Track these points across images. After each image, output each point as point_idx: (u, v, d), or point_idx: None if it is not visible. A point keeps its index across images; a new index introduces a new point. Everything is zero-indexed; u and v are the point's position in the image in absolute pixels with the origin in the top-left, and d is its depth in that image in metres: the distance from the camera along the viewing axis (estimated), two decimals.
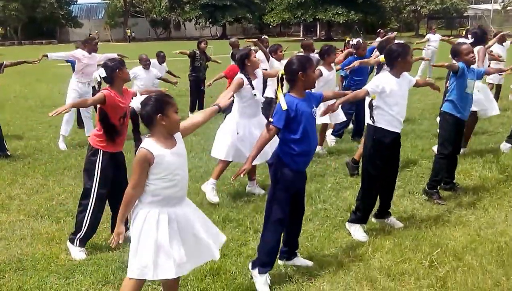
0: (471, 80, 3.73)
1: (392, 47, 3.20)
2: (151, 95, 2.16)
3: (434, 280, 2.63)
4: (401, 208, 3.70)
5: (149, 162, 2.05)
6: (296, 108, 2.52)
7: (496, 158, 4.77)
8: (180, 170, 2.14)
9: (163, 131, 2.09)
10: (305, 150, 2.60)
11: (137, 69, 6.53)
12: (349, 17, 34.42)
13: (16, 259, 2.97)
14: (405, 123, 6.68)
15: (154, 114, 2.06)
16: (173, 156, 2.10)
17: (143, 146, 2.06)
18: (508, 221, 3.40)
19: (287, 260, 2.86)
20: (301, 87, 2.59)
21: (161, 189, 2.09)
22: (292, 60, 2.61)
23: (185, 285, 2.64)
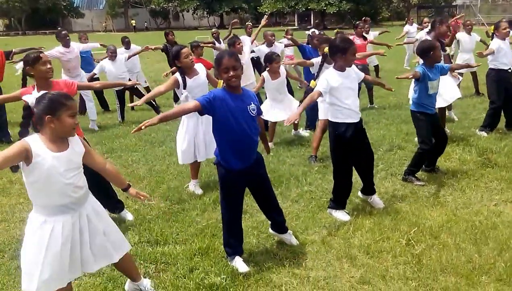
0: (433, 81, 3.66)
1: (336, 42, 3.05)
2: (47, 93, 1.93)
3: (410, 257, 2.64)
4: (382, 189, 3.69)
5: (26, 154, 1.79)
6: (221, 101, 2.34)
7: (476, 141, 4.75)
8: (61, 177, 1.87)
9: (51, 134, 1.86)
10: (237, 147, 2.44)
11: (104, 62, 6.34)
12: (341, 7, 33.92)
13: (15, 240, 2.96)
14: (392, 108, 6.78)
15: (43, 114, 1.84)
16: (55, 160, 1.85)
17: (27, 138, 1.84)
18: (483, 201, 3.40)
19: (277, 232, 2.86)
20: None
21: (41, 195, 1.88)
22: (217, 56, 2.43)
23: (174, 264, 2.64)
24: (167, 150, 5.05)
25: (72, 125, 1.90)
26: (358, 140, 3.14)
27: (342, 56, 2.97)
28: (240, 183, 2.55)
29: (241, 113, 2.40)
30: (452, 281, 2.40)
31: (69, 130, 1.91)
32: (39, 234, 1.89)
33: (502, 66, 4.96)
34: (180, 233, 3.04)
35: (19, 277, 2.50)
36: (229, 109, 2.36)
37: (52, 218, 1.90)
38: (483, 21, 25.89)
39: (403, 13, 40.07)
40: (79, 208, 1.98)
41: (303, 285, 2.43)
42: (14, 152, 1.78)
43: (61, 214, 1.91)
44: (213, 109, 2.36)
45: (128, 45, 7.38)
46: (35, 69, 2.83)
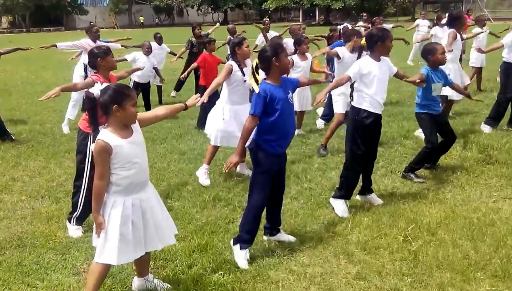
0: (437, 83, 3.68)
1: (373, 32, 3.17)
2: (111, 85, 2.13)
3: (407, 253, 2.66)
4: (381, 186, 3.71)
5: (108, 152, 2.04)
6: (271, 94, 2.51)
7: (477, 138, 4.73)
8: (138, 158, 2.13)
9: (118, 122, 2.07)
10: (281, 134, 2.60)
11: (138, 54, 6.50)
12: (346, 3, 33.67)
13: (17, 237, 3.02)
14: (394, 105, 6.76)
15: (110, 104, 2.03)
16: (130, 145, 2.09)
17: (100, 137, 2.04)
18: (482, 198, 3.40)
19: (270, 236, 2.90)
20: (276, 73, 2.57)
21: (122, 178, 2.10)
22: (265, 48, 2.59)
23: (173, 260, 2.68)
24: (168, 147, 5.10)
25: (135, 114, 2.10)
26: (375, 133, 3.21)
27: (382, 44, 3.06)
28: (274, 166, 2.65)
29: (285, 102, 2.56)
30: (448, 277, 2.42)
31: (133, 119, 2.11)
32: (122, 213, 2.09)
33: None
34: (180, 230, 3.06)
35: (20, 274, 2.58)
36: (276, 101, 2.53)
37: (130, 197, 2.12)
38: (489, 16, 25.55)
39: (408, 9, 39.70)
40: (148, 184, 2.23)
41: (300, 281, 2.46)
42: (103, 160, 2.04)
43: (139, 192, 2.15)
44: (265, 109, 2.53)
45: (160, 41, 7.59)
46: (106, 60, 2.99)
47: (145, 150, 2.22)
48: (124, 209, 2.10)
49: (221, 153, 4.33)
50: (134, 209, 2.13)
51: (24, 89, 9.39)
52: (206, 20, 43.61)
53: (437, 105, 3.79)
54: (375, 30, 3.22)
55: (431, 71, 3.68)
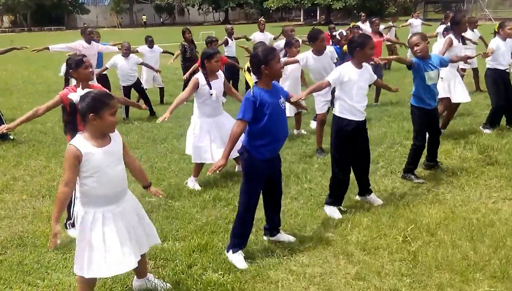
0: (430, 71, 3.64)
1: (354, 38, 3.13)
2: (90, 92, 2.06)
3: (406, 254, 2.66)
4: (381, 187, 3.71)
5: (78, 159, 1.96)
6: (261, 99, 2.48)
7: (477, 139, 4.73)
8: (110, 169, 2.04)
9: (95, 130, 2.01)
10: (272, 139, 2.58)
11: (116, 58, 6.47)
12: (347, 2, 33.62)
13: (18, 236, 3.04)
14: (394, 105, 6.77)
15: (87, 112, 1.98)
16: (103, 154, 2.02)
17: (72, 142, 1.99)
18: (482, 198, 3.41)
19: (270, 236, 2.91)
20: (266, 79, 2.53)
21: (93, 189, 2.02)
22: (256, 53, 2.55)
23: (173, 260, 2.69)
24: (168, 147, 5.11)
25: (113, 123, 2.03)
26: (358, 139, 3.19)
27: (361, 50, 3.03)
28: (264, 171, 2.64)
29: (275, 108, 2.54)
30: (447, 278, 2.42)
31: (110, 128, 2.05)
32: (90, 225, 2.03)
33: (499, 66, 4.94)
34: (180, 229, 3.09)
35: (21, 273, 2.59)
36: (266, 106, 2.50)
37: (101, 209, 2.04)
38: (490, 16, 25.51)
39: (410, 8, 39.58)
40: (123, 196, 2.14)
41: (299, 281, 2.47)
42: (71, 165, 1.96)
43: (110, 204, 2.07)
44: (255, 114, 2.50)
45: (151, 44, 7.49)
46: (78, 72, 2.94)
47: (122, 161, 2.13)
48: (93, 222, 2.03)
49: None
50: (106, 222, 2.04)
51: (25, 89, 9.42)
52: (207, 20, 43.64)
53: (432, 99, 3.74)
54: (356, 36, 3.18)
55: (421, 61, 3.64)
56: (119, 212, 2.10)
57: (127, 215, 2.14)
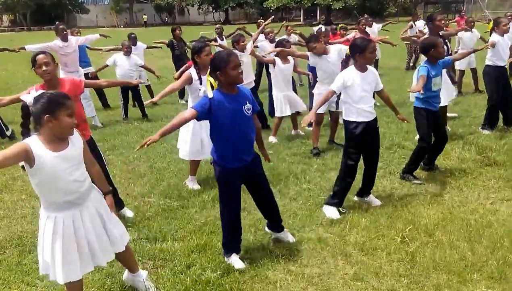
0: (436, 78, 3.68)
1: (355, 42, 3.15)
2: (45, 93, 1.94)
3: (404, 254, 2.67)
4: (380, 187, 3.72)
5: (26, 156, 1.82)
6: (218, 102, 2.38)
7: (476, 140, 4.75)
8: (66, 175, 1.92)
9: (50, 133, 1.89)
10: (234, 148, 2.48)
11: (117, 56, 6.44)
12: (347, 2, 33.64)
13: (17, 236, 3.04)
14: None
15: (42, 113, 1.85)
16: (57, 159, 1.88)
17: (27, 140, 1.87)
18: (480, 199, 3.42)
19: (273, 231, 2.91)
20: (224, 84, 2.42)
21: (48, 195, 1.95)
22: (213, 58, 2.46)
23: (172, 260, 2.70)
24: (168, 147, 5.11)
25: (71, 125, 1.92)
26: (368, 140, 3.21)
27: (361, 55, 3.06)
28: (236, 181, 2.60)
29: (236, 114, 2.43)
30: (444, 278, 2.43)
31: (68, 130, 1.93)
32: (50, 229, 1.97)
33: (499, 62, 4.97)
34: (179, 230, 3.10)
35: (20, 273, 2.60)
36: (225, 112, 2.40)
37: (61, 214, 1.97)
38: (490, 17, 25.51)
39: (410, 9, 39.56)
40: (84, 201, 2.04)
41: (298, 281, 2.48)
42: (14, 152, 1.80)
43: (68, 210, 1.98)
44: (210, 114, 2.41)
45: (134, 41, 7.45)
46: (36, 71, 2.89)
47: (81, 166, 2.02)
48: (54, 226, 1.97)
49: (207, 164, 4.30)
50: (65, 227, 1.98)
51: (25, 88, 9.29)
52: (207, 20, 43.64)
53: (437, 101, 3.79)
54: (358, 39, 3.19)
55: (430, 66, 3.66)
56: (79, 217, 2.02)
57: (87, 222, 2.04)
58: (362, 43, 3.08)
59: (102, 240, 2.11)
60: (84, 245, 2.03)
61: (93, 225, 2.07)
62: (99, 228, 2.10)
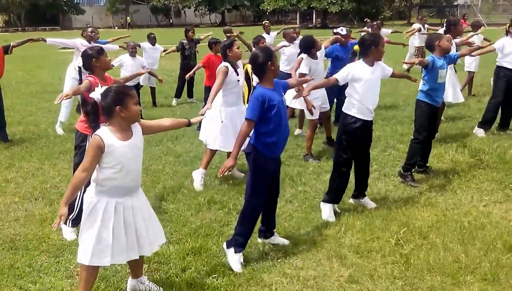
0: (442, 70, 3.74)
1: (365, 37, 3.21)
2: (111, 87, 2.14)
3: (399, 257, 2.69)
4: (375, 190, 3.74)
5: (101, 149, 2.02)
6: (269, 98, 2.53)
7: (469, 142, 4.80)
8: (132, 162, 2.11)
9: (122, 122, 2.08)
10: (279, 137, 2.63)
11: (124, 57, 6.45)
12: (343, 6, 33.90)
13: (9, 239, 3.01)
14: (388, 109, 6.82)
15: (113, 105, 2.04)
16: (126, 147, 2.08)
17: (98, 133, 2.04)
18: (473, 202, 3.45)
19: (264, 238, 2.91)
20: (270, 77, 2.60)
21: (108, 179, 2.07)
22: (256, 53, 2.60)
23: (167, 263, 2.69)
24: (163, 149, 5.09)
25: (138, 112, 2.12)
26: (364, 138, 3.23)
27: (375, 48, 3.10)
28: (272, 170, 2.69)
29: (280, 105, 2.59)
30: (438, 280, 2.45)
31: (137, 117, 2.12)
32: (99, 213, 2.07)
33: (507, 64, 5.04)
34: (174, 233, 3.08)
35: (12, 276, 2.57)
36: (275, 105, 2.54)
37: (114, 199, 2.09)
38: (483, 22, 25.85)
39: (404, 13, 39.99)
40: (137, 191, 2.19)
41: (293, 284, 2.48)
42: (93, 155, 2.02)
43: (123, 196, 2.11)
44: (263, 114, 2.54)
45: (153, 41, 7.51)
46: (99, 61, 2.97)
47: (141, 156, 2.20)
48: (105, 211, 2.08)
49: (218, 156, 4.33)
50: (116, 214, 2.09)
51: (19, 89, 9.33)
52: (204, 22, 43.66)
53: (440, 96, 3.84)
54: (367, 35, 3.27)
55: (437, 58, 3.71)
56: (130, 205, 2.14)
57: (136, 212, 2.17)
58: (375, 37, 3.16)
59: (149, 230, 2.21)
60: (133, 232, 2.13)
61: (141, 215, 2.18)
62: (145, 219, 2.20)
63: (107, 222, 2.08)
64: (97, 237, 2.07)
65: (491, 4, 35.67)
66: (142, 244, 2.19)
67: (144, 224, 2.20)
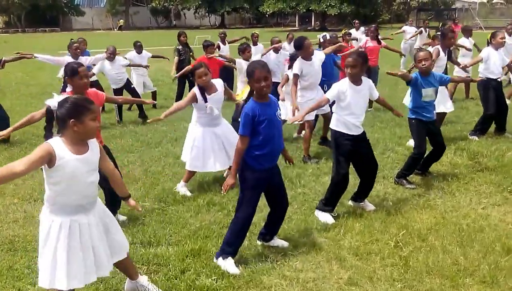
0: (428, 88, 3.70)
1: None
2: (70, 97, 1.99)
3: (398, 259, 2.68)
4: (374, 192, 3.72)
5: (49, 158, 1.85)
6: (259, 113, 2.52)
7: (467, 145, 4.80)
8: (83, 178, 1.95)
9: (74, 136, 1.92)
10: (268, 151, 2.61)
11: (101, 63, 6.38)
12: (342, 9, 34.01)
13: (8, 240, 2.99)
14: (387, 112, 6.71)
15: (67, 117, 1.89)
16: (79, 162, 1.92)
17: (50, 141, 1.89)
18: (472, 204, 3.45)
19: (264, 241, 2.91)
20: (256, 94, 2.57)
21: (61, 196, 1.93)
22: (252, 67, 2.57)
23: (166, 265, 2.68)
24: (163, 151, 5.09)
25: (94, 129, 1.96)
26: (358, 151, 3.22)
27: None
28: (265, 182, 2.67)
29: (272, 119, 2.58)
30: (437, 283, 2.45)
31: (92, 134, 1.97)
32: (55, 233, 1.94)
33: (491, 75, 5.04)
34: (173, 234, 3.08)
35: (11, 278, 2.55)
36: (264, 118, 2.53)
37: (68, 218, 1.96)
38: (481, 25, 25.99)
39: (403, 16, 40.12)
40: (92, 208, 2.06)
41: (292, 286, 2.47)
42: (38, 155, 1.84)
43: (76, 214, 1.98)
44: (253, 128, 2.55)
45: (140, 49, 7.42)
46: (72, 82, 2.93)
47: (96, 173, 2.04)
48: (59, 232, 1.94)
49: None
50: (71, 233, 1.95)
51: (19, 90, 9.32)
52: (203, 24, 43.72)
53: (428, 112, 3.82)
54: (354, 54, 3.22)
55: (421, 76, 3.71)
56: (86, 223, 2.01)
57: (93, 229, 2.04)
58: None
59: (106, 248, 2.11)
60: (90, 253, 2.01)
61: (98, 232, 2.07)
62: (103, 236, 2.10)
63: (62, 243, 1.94)
64: (53, 260, 1.94)
65: (489, 8, 35.85)
66: (101, 264, 2.06)
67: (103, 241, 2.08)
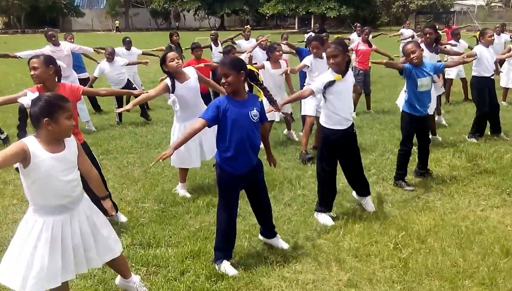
0: (423, 78, 3.68)
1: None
2: (43, 95, 1.92)
3: (397, 261, 2.68)
4: (373, 194, 3.73)
5: (24, 156, 1.80)
6: (225, 108, 2.42)
7: (466, 147, 4.81)
8: (60, 177, 1.90)
9: (49, 135, 1.87)
10: (238, 153, 2.49)
11: (102, 65, 6.37)
12: (341, 12, 34.17)
13: (7, 241, 2.93)
14: (386, 113, 6.85)
15: (40, 116, 1.84)
16: (54, 160, 1.87)
17: (24, 140, 1.85)
18: (471, 206, 3.46)
19: (265, 238, 2.90)
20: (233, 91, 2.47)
21: (40, 196, 1.89)
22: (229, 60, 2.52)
23: (166, 266, 2.67)
24: (162, 152, 5.07)
25: (69, 127, 1.92)
26: (346, 146, 3.20)
27: None
28: (238, 186, 2.62)
29: (243, 118, 2.46)
30: (436, 285, 2.45)
31: (66, 132, 1.93)
32: (34, 234, 1.90)
33: (484, 73, 5.04)
34: (173, 235, 3.07)
35: None
36: (231, 116, 2.43)
37: (51, 218, 1.92)
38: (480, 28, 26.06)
39: (402, 18, 40.23)
40: (75, 207, 2.00)
41: (292, 288, 2.47)
42: (12, 151, 1.79)
43: (59, 214, 1.93)
44: (218, 120, 2.46)
45: (129, 46, 7.37)
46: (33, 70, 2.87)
47: (75, 171, 1.99)
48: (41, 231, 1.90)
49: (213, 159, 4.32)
50: (53, 232, 1.91)
51: (18, 91, 9.28)
52: (203, 25, 43.78)
53: (423, 105, 3.77)
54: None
55: (414, 68, 3.68)
56: (69, 222, 1.96)
57: (76, 229, 1.99)
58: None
59: (90, 247, 2.04)
60: (70, 252, 1.97)
61: (82, 232, 2.02)
62: (87, 235, 2.04)
63: (43, 244, 1.89)
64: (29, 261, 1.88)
65: (487, 11, 35.99)
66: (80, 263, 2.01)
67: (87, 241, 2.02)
